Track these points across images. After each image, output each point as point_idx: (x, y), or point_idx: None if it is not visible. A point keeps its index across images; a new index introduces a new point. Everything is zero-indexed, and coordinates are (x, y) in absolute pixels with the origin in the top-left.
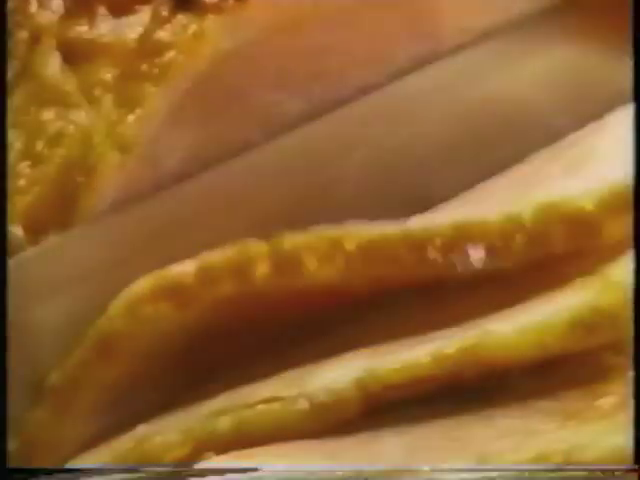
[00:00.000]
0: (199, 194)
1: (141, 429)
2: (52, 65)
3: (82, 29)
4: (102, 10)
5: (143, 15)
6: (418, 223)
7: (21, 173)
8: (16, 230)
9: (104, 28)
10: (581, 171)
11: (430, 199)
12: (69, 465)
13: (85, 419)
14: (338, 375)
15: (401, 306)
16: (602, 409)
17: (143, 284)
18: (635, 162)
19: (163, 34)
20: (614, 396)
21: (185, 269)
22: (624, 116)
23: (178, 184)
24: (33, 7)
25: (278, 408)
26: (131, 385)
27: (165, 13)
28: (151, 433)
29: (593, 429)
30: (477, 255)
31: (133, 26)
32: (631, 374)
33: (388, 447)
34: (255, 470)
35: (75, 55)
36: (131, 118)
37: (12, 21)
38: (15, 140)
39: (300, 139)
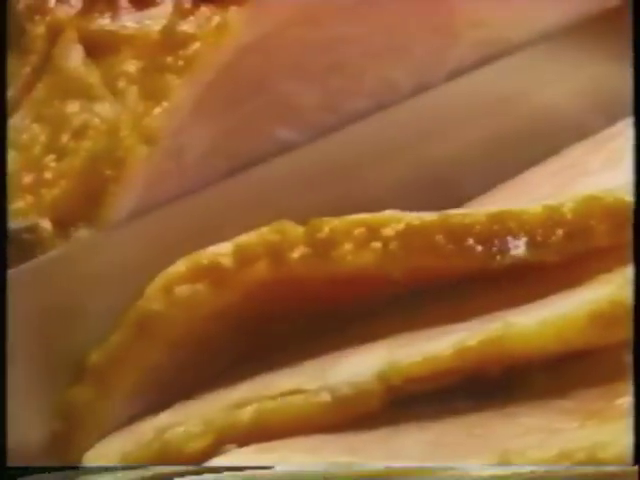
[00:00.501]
0: (232, 195)
1: (163, 417)
2: (74, 58)
3: (104, 22)
4: (123, 3)
5: (165, 7)
6: (457, 211)
7: (47, 166)
8: (44, 223)
9: (126, 20)
10: (620, 164)
11: (467, 193)
12: (69, 464)
13: (124, 400)
14: (360, 368)
15: (426, 297)
16: (622, 408)
17: (180, 265)
18: (635, 169)
19: (187, 26)
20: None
21: (222, 250)
22: None
23: (211, 184)
24: (51, 1)
25: (300, 400)
26: (166, 369)
27: (188, 5)
28: (173, 423)
29: (614, 428)
30: (516, 246)
31: (155, 18)
32: (632, 376)
33: (409, 443)
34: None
35: (98, 48)
36: (157, 110)
37: (28, 18)
38: (39, 133)
39: (338, 142)
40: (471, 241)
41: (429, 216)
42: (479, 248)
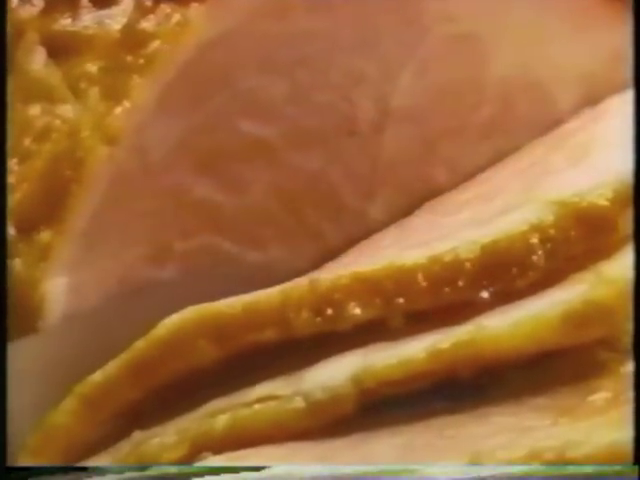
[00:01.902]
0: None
1: (137, 434)
2: (36, 60)
3: (65, 22)
4: (84, 2)
5: (126, 5)
6: (445, 247)
7: (10, 170)
8: (8, 229)
9: (87, 20)
10: (584, 160)
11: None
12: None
13: (99, 427)
14: (334, 372)
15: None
16: (595, 405)
17: (187, 316)
18: (635, 152)
19: (147, 24)
20: (607, 392)
21: (231, 311)
22: (623, 103)
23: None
24: (14, 1)
25: (274, 406)
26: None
27: (148, 3)
28: (148, 436)
29: (586, 425)
30: (505, 277)
31: (116, 17)
32: (630, 370)
33: (382, 447)
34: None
35: (59, 49)
36: (118, 110)
37: None
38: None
39: None
40: (463, 279)
41: (421, 256)
42: (470, 283)
